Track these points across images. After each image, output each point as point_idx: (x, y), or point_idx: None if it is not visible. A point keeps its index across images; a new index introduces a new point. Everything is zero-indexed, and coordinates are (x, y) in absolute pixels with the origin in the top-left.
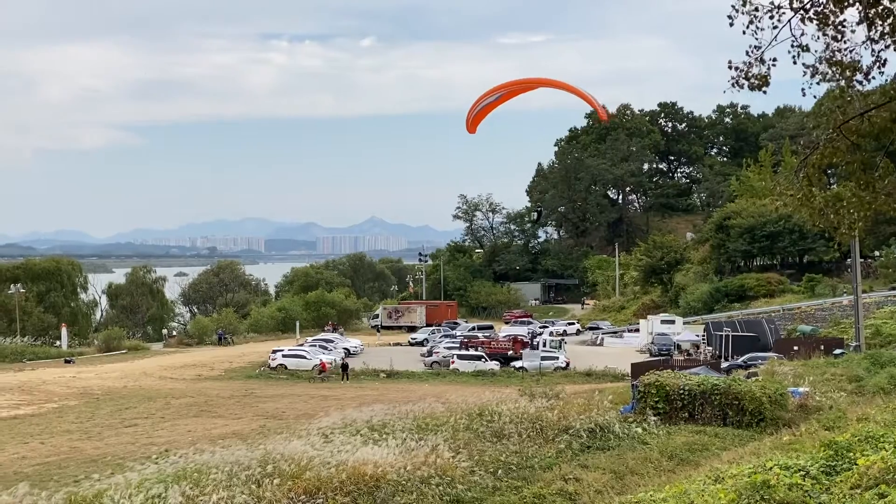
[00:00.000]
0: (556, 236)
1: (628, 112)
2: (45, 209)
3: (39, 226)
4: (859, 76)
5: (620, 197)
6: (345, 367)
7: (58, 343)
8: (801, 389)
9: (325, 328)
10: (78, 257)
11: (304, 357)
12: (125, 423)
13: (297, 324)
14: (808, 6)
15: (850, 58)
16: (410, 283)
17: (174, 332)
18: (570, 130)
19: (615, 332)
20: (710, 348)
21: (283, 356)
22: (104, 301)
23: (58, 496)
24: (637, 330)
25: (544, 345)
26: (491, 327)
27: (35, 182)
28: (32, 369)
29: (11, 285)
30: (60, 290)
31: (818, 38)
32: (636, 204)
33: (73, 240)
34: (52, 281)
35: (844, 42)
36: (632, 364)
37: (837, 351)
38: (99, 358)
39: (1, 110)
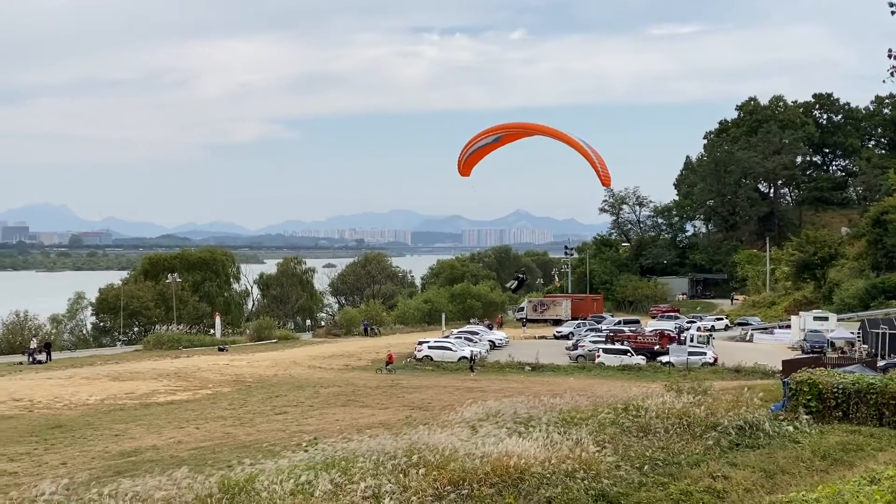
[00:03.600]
0: (704, 230)
1: (781, 103)
2: (200, 201)
3: (195, 217)
4: None
5: (772, 190)
6: (472, 359)
7: (212, 331)
8: None
9: (472, 320)
10: (231, 248)
11: (450, 349)
12: (275, 410)
13: (443, 316)
14: None
15: None
16: (556, 277)
17: (320, 323)
18: (720, 123)
19: (765, 328)
20: (866, 346)
21: (429, 347)
22: (256, 291)
23: (212, 480)
24: (788, 326)
25: (692, 340)
26: (637, 321)
27: (191, 175)
28: (188, 356)
29: (169, 275)
30: (215, 279)
31: None
32: (788, 197)
33: (226, 231)
34: (206, 271)
35: None
36: (783, 361)
37: None
38: (250, 346)
39: (160, 106)
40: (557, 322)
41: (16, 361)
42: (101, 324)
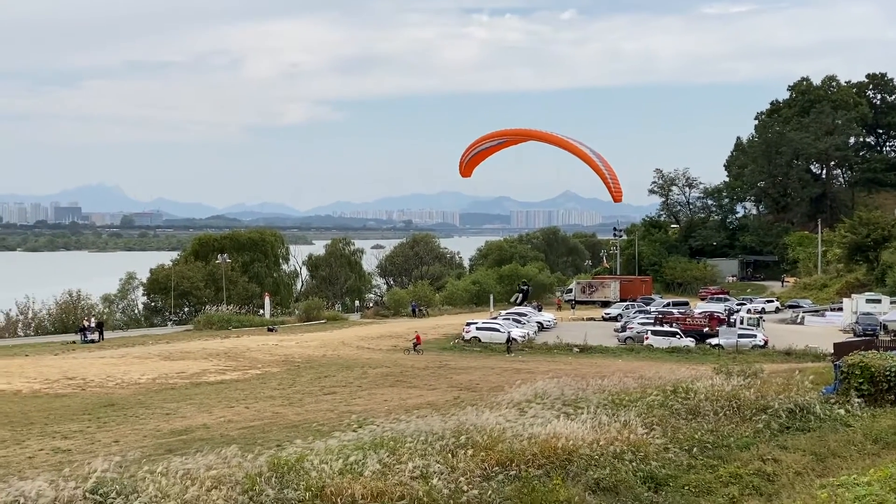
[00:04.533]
0: (754, 212)
1: (834, 84)
2: (250, 182)
3: (245, 198)
4: None
5: (824, 172)
6: (509, 340)
7: (261, 312)
8: None
9: (512, 298)
10: (280, 229)
11: (498, 330)
12: (324, 390)
13: (491, 297)
14: None
15: None
16: (604, 258)
17: (368, 304)
18: (772, 103)
19: (816, 311)
20: None
21: (477, 329)
22: (304, 272)
23: (262, 459)
24: (840, 309)
25: (742, 322)
26: (686, 303)
27: (241, 156)
28: (238, 336)
29: (219, 255)
30: (264, 260)
31: None
32: (841, 179)
33: (275, 212)
34: (256, 251)
35: None
36: (834, 344)
37: None
38: (299, 327)
39: (210, 88)
40: (606, 304)
41: (69, 340)
42: (152, 304)
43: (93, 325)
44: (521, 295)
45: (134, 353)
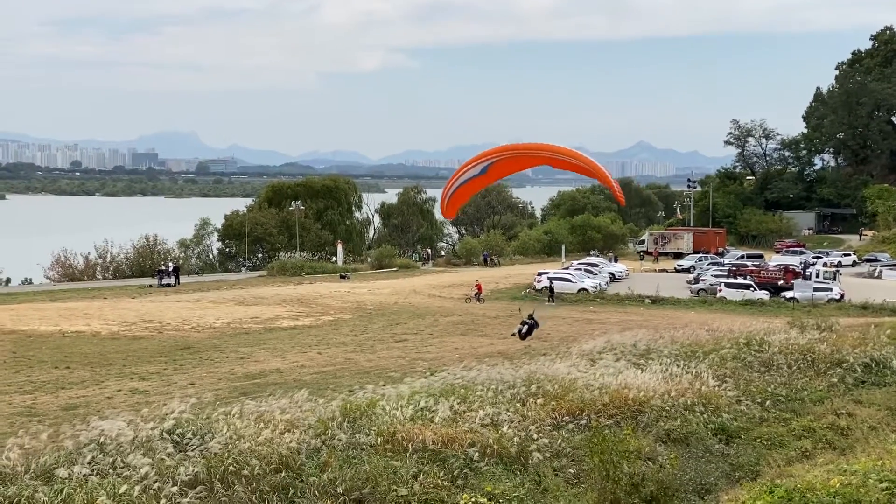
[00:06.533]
0: (833, 164)
1: None
2: (323, 130)
3: (318, 146)
4: None
5: None
6: (550, 289)
7: (334, 259)
8: None
9: (592, 252)
10: (353, 177)
11: (570, 280)
12: (395, 338)
13: (563, 247)
14: None
15: None
16: (678, 210)
17: (428, 253)
18: (853, 53)
19: (894, 265)
20: None
21: (549, 279)
22: (377, 220)
23: (334, 404)
24: None
25: (817, 275)
26: (761, 256)
27: (315, 104)
28: (311, 283)
29: (292, 202)
30: (337, 208)
31: None
32: None
33: (348, 160)
34: (329, 199)
35: None
36: None
37: None
38: (371, 274)
39: (285, 34)
40: (678, 255)
41: (146, 284)
42: (227, 249)
43: (170, 269)
44: (525, 327)
45: (209, 298)
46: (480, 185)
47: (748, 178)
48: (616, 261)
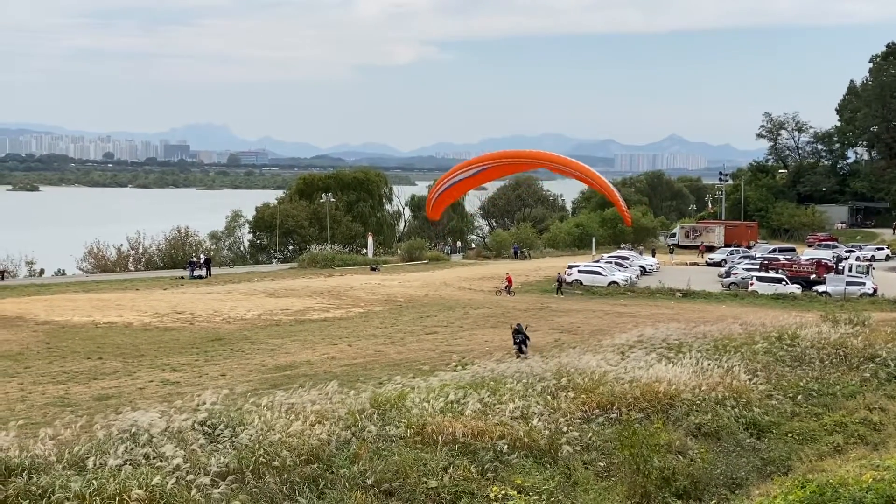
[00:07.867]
0: (866, 157)
1: None
2: (354, 123)
3: (348, 138)
4: None
5: None
6: (560, 281)
7: (364, 251)
8: None
9: (623, 246)
10: (383, 169)
11: (600, 273)
12: (426, 330)
13: (594, 240)
14: None
15: None
16: (709, 203)
17: (456, 245)
18: (888, 46)
19: None
20: None
21: (579, 272)
22: (407, 212)
23: (364, 395)
24: None
25: (850, 269)
26: (793, 250)
27: (346, 96)
28: (341, 275)
29: (323, 195)
30: (368, 200)
31: None
32: None
33: (379, 153)
34: (360, 191)
35: None
36: None
37: None
38: (402, 266)
39: (319, 26)
40: (710, 249)
41: (178, 276)
42: (258, 241)
43: (201, 260)
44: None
45: (240, 290)
46: (468, 188)
47: (780, 171)
48: (654, 254)
